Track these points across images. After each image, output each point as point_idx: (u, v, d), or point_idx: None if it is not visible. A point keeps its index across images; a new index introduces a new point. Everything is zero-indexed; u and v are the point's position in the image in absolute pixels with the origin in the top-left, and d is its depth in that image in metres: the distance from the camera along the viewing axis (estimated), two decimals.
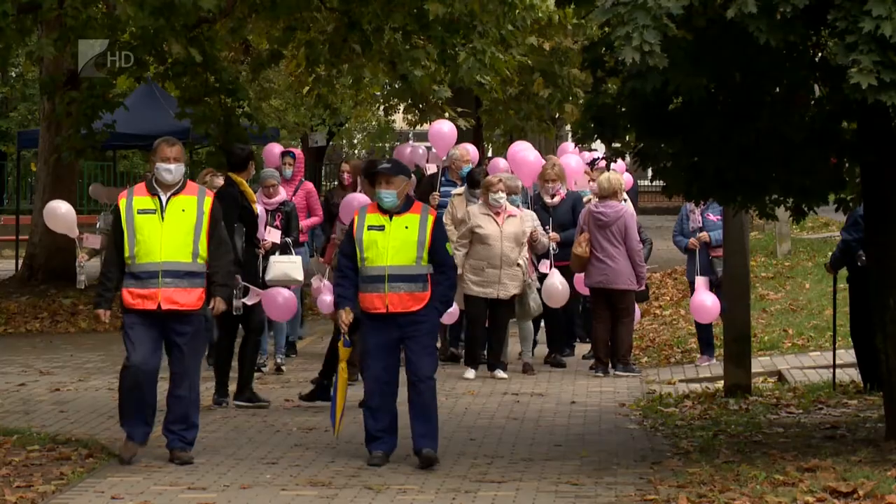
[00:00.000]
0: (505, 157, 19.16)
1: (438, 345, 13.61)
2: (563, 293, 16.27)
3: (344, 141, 56.31)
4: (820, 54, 10.12)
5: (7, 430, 12.48)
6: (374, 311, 10.65)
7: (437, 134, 18.22)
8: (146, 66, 22.60)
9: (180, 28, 20.16)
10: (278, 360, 16.28)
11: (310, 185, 18.24)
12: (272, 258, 14.62)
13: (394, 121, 38.39)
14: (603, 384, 15.66)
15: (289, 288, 14.51)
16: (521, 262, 15.75)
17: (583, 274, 16.27)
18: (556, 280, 16.31)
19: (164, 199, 10.19)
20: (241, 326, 14.02)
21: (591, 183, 18.11)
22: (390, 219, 10.70)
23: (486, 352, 16.00)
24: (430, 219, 10.77)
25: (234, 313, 13.51)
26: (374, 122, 47.48)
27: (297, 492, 10.11)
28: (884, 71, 9.22)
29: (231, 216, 13.51)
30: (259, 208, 14.64)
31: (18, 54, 24.28)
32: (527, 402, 14.37)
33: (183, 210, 10.21)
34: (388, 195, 10.64)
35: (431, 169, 18.58)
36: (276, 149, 19.17)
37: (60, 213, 16.43)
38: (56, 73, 22.28)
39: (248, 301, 13.65)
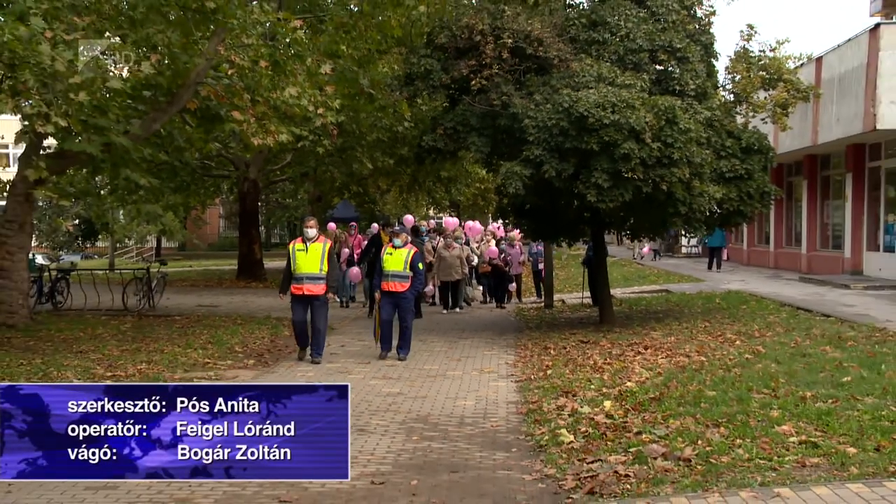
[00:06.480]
0: (463, 224, 18.01)
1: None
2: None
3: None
4: (577, 189, 9.24)
5: (264, 322, 11.20)
6: (386, 290, 8.51)
7: (406, 220, 14.28)
8: (343, 195, 22.42)
9: (356, 180, 20.08)
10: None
11: (360, 236, 13.81)
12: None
13: (429, 211, 38.02)
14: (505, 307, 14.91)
15: None
16: (462, 269, 13.42)
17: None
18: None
19: (308, 244, 8.25)
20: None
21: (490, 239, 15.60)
22: (395, 248, 8.61)
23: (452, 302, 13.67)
24: (412, 251, 8.58)
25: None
26: (423, 212, 46.86)
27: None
28: (600, 194, 8.97)
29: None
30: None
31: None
32: (476, 313, 13.54)
33: (316, 249, 8.28)
34: (400, 242, 8.62)
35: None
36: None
37: None
38: (311, 196, 21.94)
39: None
